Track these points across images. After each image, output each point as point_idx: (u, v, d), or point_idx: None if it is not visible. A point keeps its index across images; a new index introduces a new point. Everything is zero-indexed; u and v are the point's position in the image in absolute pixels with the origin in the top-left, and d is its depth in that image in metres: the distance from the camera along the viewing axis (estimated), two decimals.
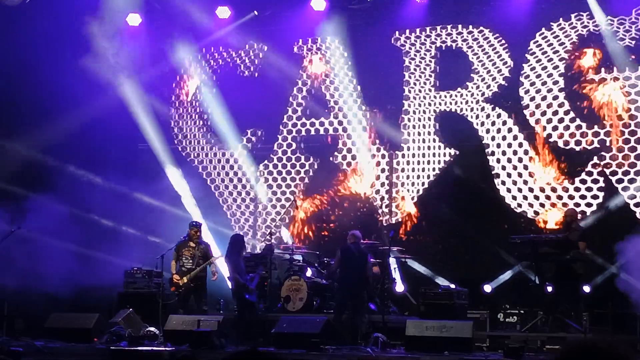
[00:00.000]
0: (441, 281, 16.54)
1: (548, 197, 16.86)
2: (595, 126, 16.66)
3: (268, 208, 18.98)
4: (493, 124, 17.41)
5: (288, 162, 18.95)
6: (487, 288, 16.32)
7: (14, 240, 15.92)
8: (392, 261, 16.18)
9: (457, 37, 17.74)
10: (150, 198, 18.33)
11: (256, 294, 14.86)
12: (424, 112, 17.98)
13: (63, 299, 16.27)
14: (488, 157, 17.37)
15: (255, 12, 18.59)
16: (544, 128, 16.99)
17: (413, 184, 17.96)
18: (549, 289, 14.71)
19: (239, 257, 14.74)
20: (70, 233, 16.79)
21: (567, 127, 16.87)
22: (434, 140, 17.91)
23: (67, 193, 17.23)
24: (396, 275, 16.40)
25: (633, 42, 16.52)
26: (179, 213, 18.46)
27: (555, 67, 17.02)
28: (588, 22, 16.81)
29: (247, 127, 19.18)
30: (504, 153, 17.28)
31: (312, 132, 18.81)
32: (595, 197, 16.60)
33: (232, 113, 18.98)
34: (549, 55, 17.06)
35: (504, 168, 17.26)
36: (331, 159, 18.61)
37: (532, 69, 17.17)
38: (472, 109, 17.57)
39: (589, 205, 16.60)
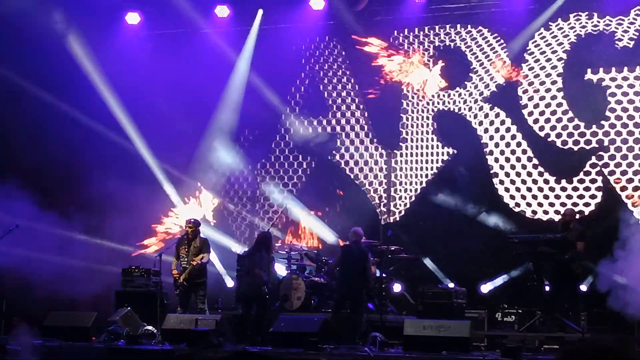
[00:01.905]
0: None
1: (546, 197, 16.88)
2: (594, 126, 16.68)
3: (265, 207, 18.99)
4: (491, 123, 17.43)
5: (285, 161, 18.95)
6: (485, 288, 16.31)
7: None
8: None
9: (455, 37, 17.74)
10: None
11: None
12: (422, 111, 17.99)
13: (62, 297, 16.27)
14: (486, 156, 17.38)
15: (261, 10, 18.60)
16: (542, 128, 17.01)
17: (411, 183, 17.97)
18: (547, 288, 14.70)
19: (267, 254, 14.66)
20: None
21: (565, 127, 16.89)
22: (432, 140, 17.91)
23: None
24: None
25: (632, 42, 16.53)
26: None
27: (554, 67, 17.03)
28: (587, 22, 16.83)
29: (244, 126, 19.17)
30: (502, 152, 17.29)
31: (310, 131, 18.81)
32: (593, 196, 16.62)
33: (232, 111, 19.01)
34: (547, 55, 17.07)
35: (502, 167, 17.27)
36: (329, 157, 18.61)
37: (531, 68, 17.18)
38: (470, 109, 17.58)
39: (587, 205, 16.62)
